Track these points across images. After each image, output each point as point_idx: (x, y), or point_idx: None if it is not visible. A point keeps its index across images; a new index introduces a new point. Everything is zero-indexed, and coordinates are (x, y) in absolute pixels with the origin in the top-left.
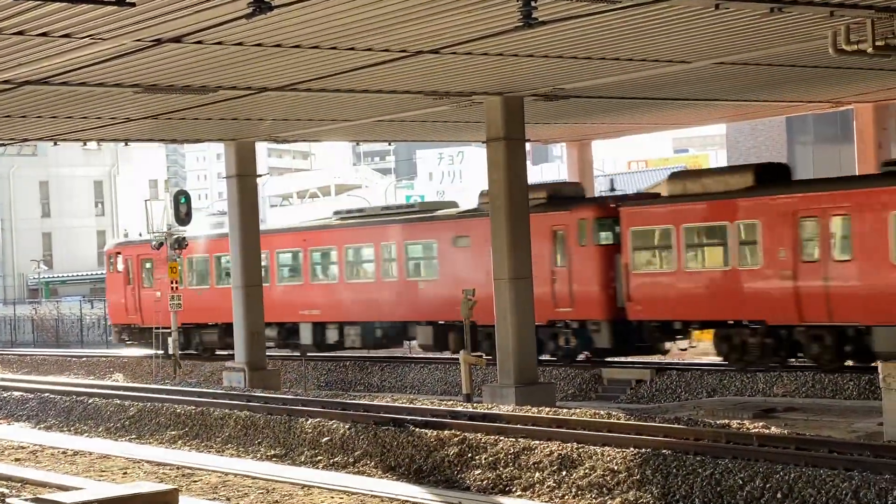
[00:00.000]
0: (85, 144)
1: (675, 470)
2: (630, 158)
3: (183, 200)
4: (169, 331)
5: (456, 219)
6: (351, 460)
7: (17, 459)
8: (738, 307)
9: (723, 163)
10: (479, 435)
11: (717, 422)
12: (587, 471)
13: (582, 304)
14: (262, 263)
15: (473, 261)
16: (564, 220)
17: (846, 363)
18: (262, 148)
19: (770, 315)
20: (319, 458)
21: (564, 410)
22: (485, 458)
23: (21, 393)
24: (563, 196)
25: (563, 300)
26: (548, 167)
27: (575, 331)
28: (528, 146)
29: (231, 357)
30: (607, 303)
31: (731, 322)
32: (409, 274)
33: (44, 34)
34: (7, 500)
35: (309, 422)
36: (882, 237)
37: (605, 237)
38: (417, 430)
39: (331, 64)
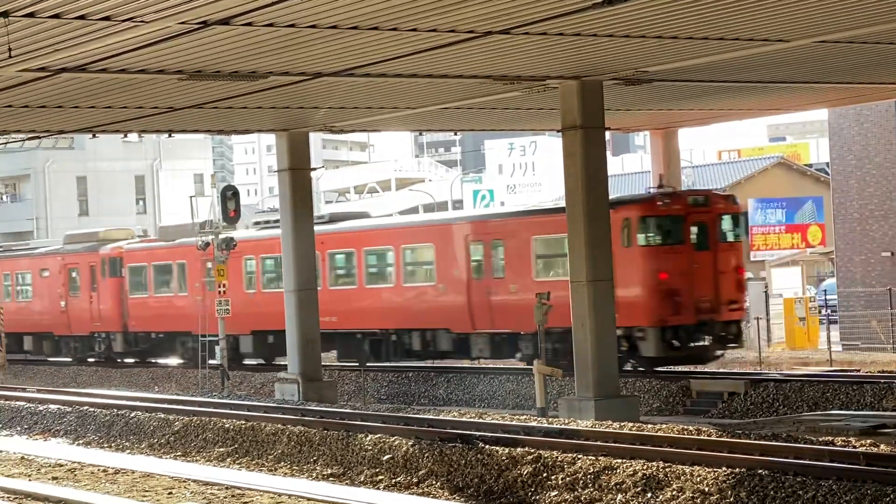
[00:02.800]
0: (125, 136)
1: (772, 492)
2: (721, 147)
3: (231, 196)
4: (216, 338)
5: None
6: (415, 480)
7: (54, 478)
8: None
9: (824, 152)
10: (555, 453)
11: (820, 439)
12: (675, 493)
13: None
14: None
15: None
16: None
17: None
18: (316, 139)
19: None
20: (380, 477)
21: (649, 426)
22: (561, 479)
23: (59, 406)
24: None
25: None
26: (629, 158)
27: None
28: (607, 135)
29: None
30: None
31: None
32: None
33: (82, 17)
34: None
35: (369, 438)
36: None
37: None
38: (487, 447)
39: (391, 46)
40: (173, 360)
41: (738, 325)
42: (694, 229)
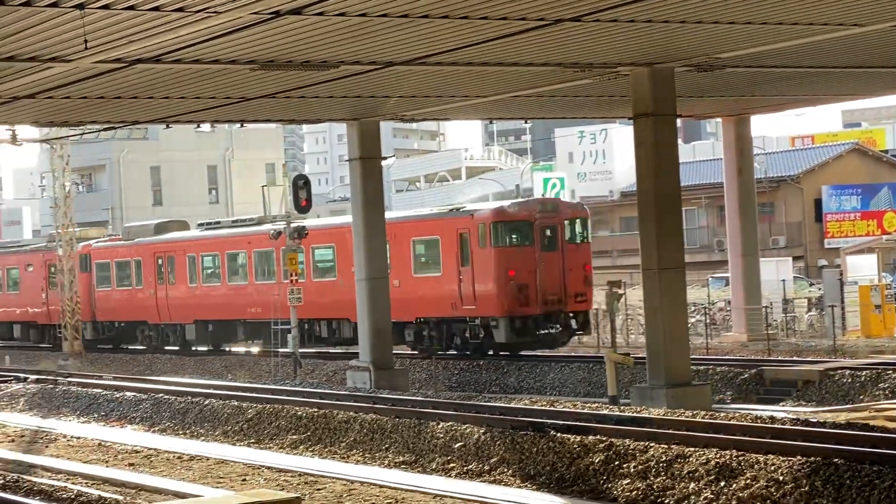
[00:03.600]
0: (198, 126)
1: (848, 481)
2: (794, 134)
3: (303, 185)
4: (288, 327)
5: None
6: (486, 468)
7: (131, 464)
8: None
9: None
10: (626, 441)
11: None
12: (748, 481)
13: None
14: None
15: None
16: None
17: None
18: (386, 128)
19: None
20: (452, 465)
21: (722, 414)
22: (634, 467)
23: (134, 394)
24: None
25: None
26: (700, 145)
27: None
28: (678, 122)
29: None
30: None
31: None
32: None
33: (156, 9)
34: None
35: (440, 426)
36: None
37: None
38: (559, 435)
39: (462, 35)
40: (252, 348)
41: (585, 315)
42: (545, 232)
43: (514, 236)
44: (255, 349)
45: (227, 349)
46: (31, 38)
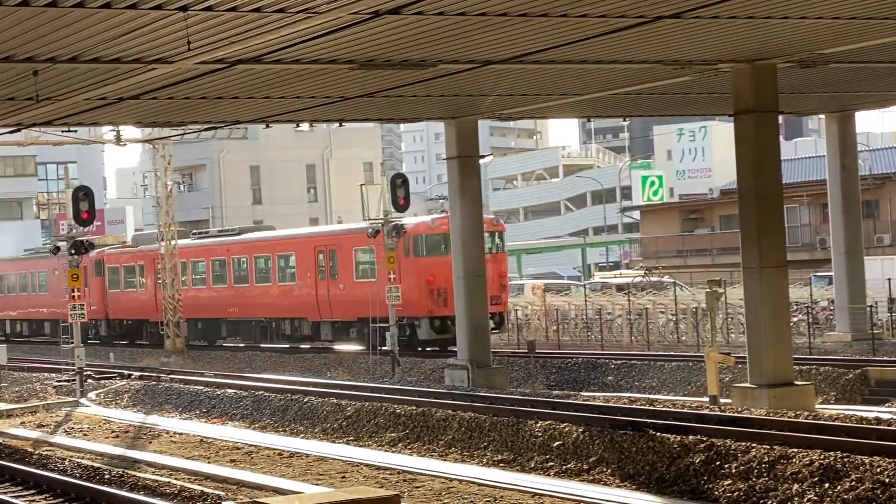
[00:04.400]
0: (297, 126)
1: None
2: None
3: (401, 184)
4: (387, 325)
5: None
6: (585, 467)
7: (232, 461)
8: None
9: None
10: (728, 441)
11: None
12: (853, 483)
13: None
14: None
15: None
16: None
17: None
18: (484, 126)
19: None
20: (551, 463)
21: (826, 415)
22: (735, 467)
23: (235, 391)
24: None
25: None
26: (802, 143)
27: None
28: (780, 118)
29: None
30: None
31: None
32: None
33: (257, 10)
34: (223, 502)
35: (539, 424)
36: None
37: None
38: (658, 434)
39: (560, 33)
40: (351, 347)
41: (501, 316)
42: None
43: (434, 248)
44: (353, 346)
45: (330, 347)
46: (136, 40)
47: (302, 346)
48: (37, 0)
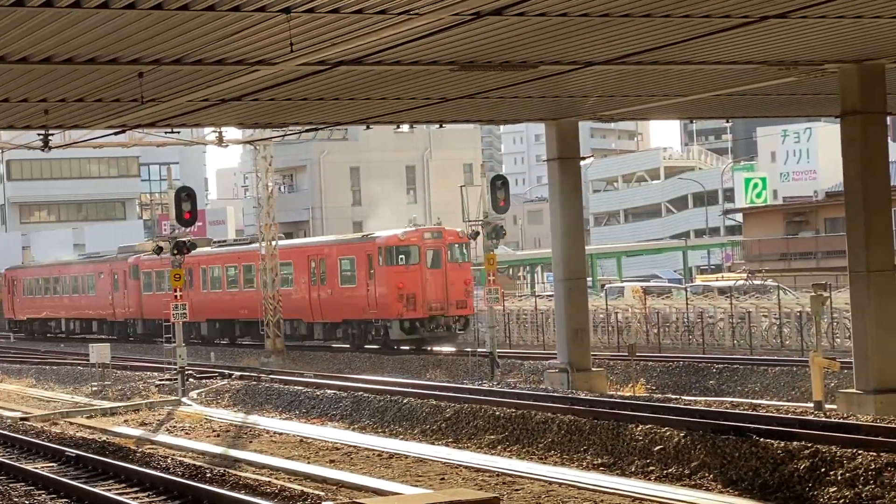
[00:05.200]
0: (398, 127)
1: None
2: None
3: (500, 186)
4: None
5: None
6: (686, 472)
7: (331, 461)
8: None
9: None
10: (833, 447)
11: None
12: None
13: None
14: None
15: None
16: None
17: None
18: (584, 128)
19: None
20: (651, 468)
21: None
22: (841, 475)
23: (334, 392)
24: None
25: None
26: None
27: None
28: (888, 120)
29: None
30: None
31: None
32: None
33: (359, 11)
34: (323, 503)
35: (639, 428)
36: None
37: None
38: (762, 440)
39: (663, 34)
40: (445, 348)
41: (465, 319)
42: (428, 254)
43: (403, 257)
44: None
45: (429, 348)
46: (239, 41)
47: (402, 348)
48: (143, 3)
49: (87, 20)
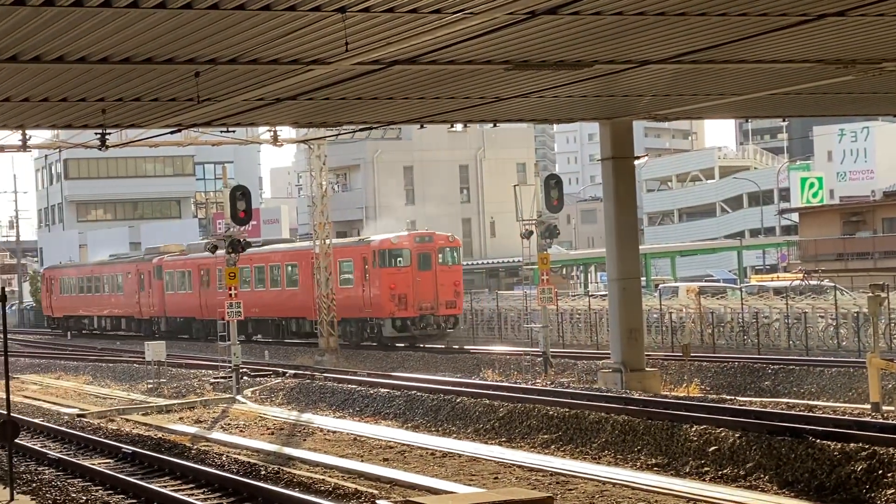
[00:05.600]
0: (451, 126)
1: None
2: None
3: (554, 185)
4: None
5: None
6: (742, 473)
7: (385, 459)
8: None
9: None
10: (891, 450)
11: None
12: None
13: None
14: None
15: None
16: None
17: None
18: (638, 127)
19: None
20: (706, 469)
21: None
22: None
23: (388, 390)
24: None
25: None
26: None
27: None
28: None
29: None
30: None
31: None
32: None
33: (414, 11)
34: (377, 501)
35: (694, 429)
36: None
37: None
38: (818, 441)
39: (719, 32)
40: (498, 347)
41: (455, 318)
42: (419, 257)
43: (395, 260)
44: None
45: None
46: (295, 41)
47: (451, 347)
48: (200, 3)
49: (144, 20)
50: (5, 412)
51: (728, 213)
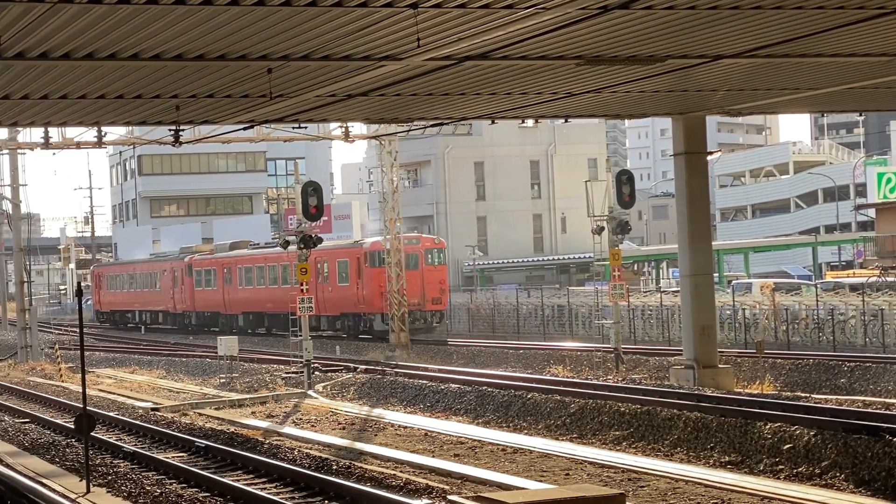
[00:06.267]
0: (522, 122)
1: None
2: None
3: (626, 181)
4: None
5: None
6: (817, 471)
7: (455, 455)
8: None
9: None
10: None
11: None
12: None
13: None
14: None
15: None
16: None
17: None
18: (711, 122)
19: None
20: (781, 467)
21: None
22: None
23: (458, 386)
24: None
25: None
26: None
27: None
28: None
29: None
30: None
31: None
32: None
33: (485, 6)
34: (448, 496)
35: (768, 426)
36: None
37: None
38: (895, 439)
39: (795, 26)
40: (568, 343)
41: (440, 313)
42: (409, 258)
43: (383, 261)
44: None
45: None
46: (366, 37)
47: (524, 342)
48: (272, 0)
49: (217, 17)
50: (82, 406)
51: (802, 208)
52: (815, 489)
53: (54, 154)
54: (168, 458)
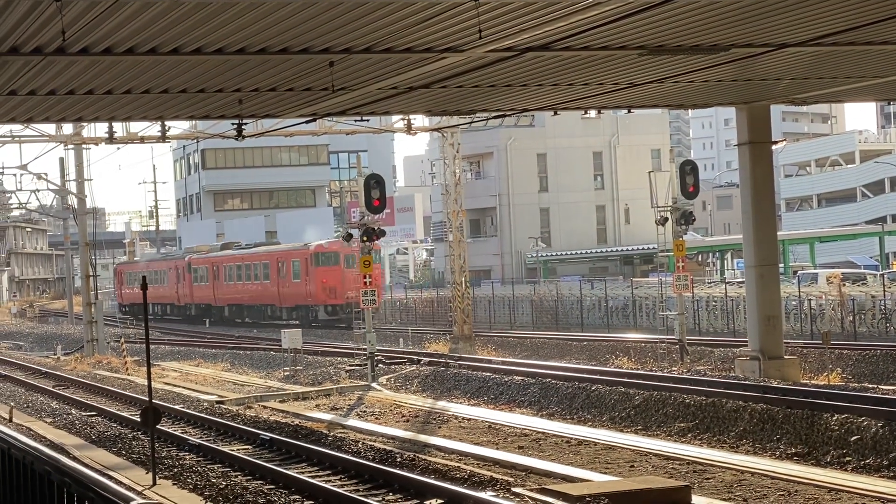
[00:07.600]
0: (585, 113)
1: None
2: None
3: (690, 171)
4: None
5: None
6: (885, 463)
7: (520, 447)
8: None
9: None
10: None
11: None
12: None
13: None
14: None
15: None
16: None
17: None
18: (776, 111)
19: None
20: (848, 458)
21: None
22: None
23: (522, 378)
24: None
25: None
26: None
27: None
28: None
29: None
30: None
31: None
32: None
33: None
34: (512, 488)
35: (835, 418)
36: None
37: None
38: None
39: (860, 13)
40: (632, 335)
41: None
42: (347, 258)
43: (327, 260)
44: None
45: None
46: (428, 29)
47: (588, 334)
48: None
49: (279, 11)
50: (147, 399)
51: (869, 198)
52: (882, 481)
53: (119, 149)
54: (233, 450)
